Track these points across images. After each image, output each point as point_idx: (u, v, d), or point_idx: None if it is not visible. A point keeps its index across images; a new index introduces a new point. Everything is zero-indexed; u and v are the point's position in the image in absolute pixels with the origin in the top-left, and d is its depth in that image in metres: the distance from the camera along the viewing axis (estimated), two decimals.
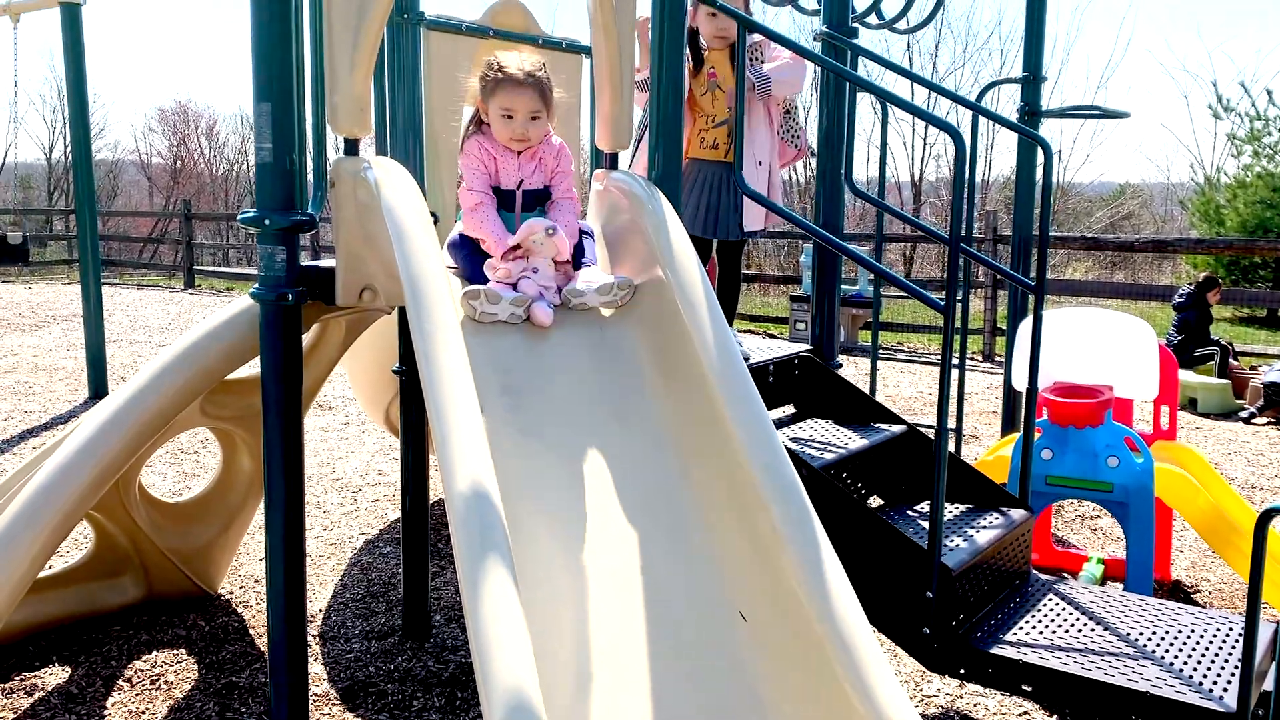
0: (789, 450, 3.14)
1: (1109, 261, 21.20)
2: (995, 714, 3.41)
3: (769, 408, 3.82)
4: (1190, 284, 9.69)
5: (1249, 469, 6.55)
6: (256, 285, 2.71)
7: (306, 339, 3.85)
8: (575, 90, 4.42)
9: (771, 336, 12.38)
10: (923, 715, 3.42)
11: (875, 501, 3.64)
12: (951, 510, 3.45)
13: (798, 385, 3.89)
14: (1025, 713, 3.42)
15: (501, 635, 1.76)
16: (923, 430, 3.73)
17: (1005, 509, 3.47)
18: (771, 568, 2.20)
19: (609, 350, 2.69)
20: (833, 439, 3.53)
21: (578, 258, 2.78)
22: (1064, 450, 4.16)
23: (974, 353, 11.16)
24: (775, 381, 3.77)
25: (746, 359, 3.49)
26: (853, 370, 9.48)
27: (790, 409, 3.93)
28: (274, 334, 2.71)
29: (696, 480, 2.43)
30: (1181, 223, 24.12)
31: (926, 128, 22.87)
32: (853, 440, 3.53)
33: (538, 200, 2.80)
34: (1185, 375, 8.52)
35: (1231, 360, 8.68)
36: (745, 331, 12.93)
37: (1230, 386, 8.31)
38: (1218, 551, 4.12)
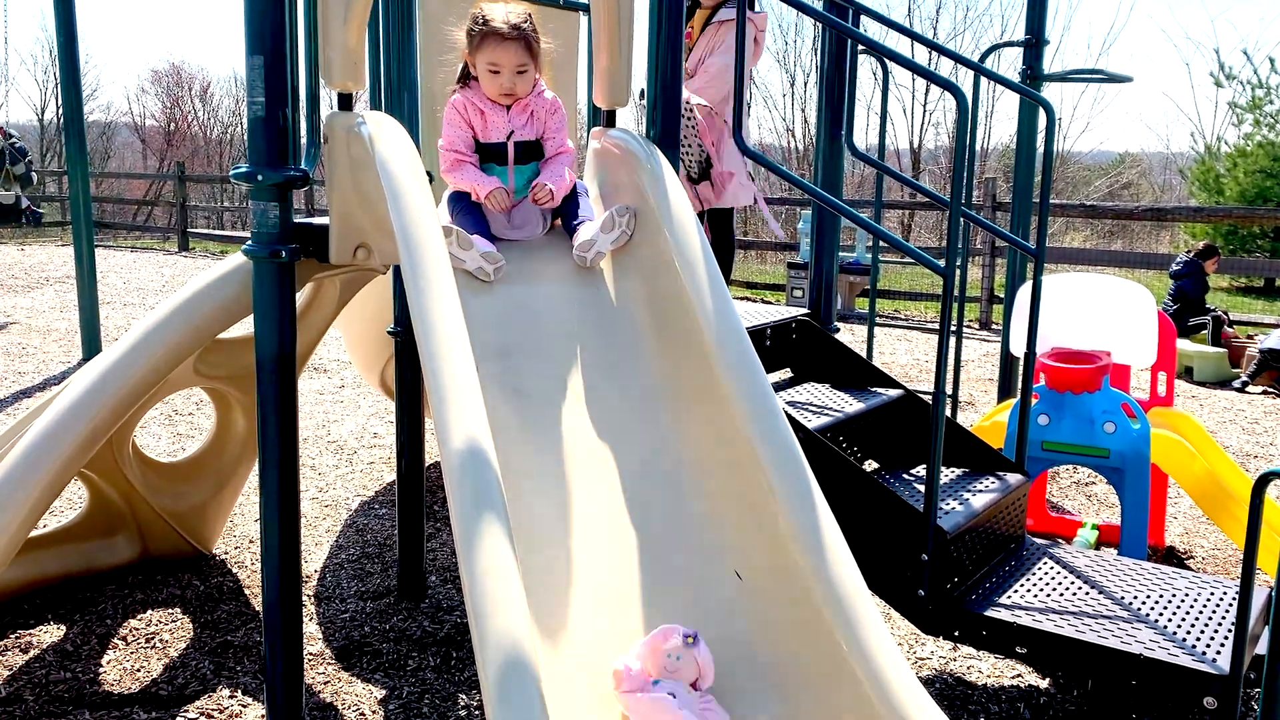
0: (788, 414, 3.13)
1: (1107, 230, 21.15)
2: (988, 676, 3.43)
3: (766, 371, 3.82)
4: (1188, 252, 9.66)
5: (1244, 437, 6.56)
6: (249, 242, 2.68)
7: (301, 299, 3.82)
8: (573, 47, 4.37)
9: (768, 304, 12.36)
10: (917, 677, 3.43)
11: (872, 465, 3.63)
12: (948, 474, 3.45)
13: (795, 349, 3.87)
14: (1018, 675, 3.43)
15: (497, 593, 1.75)
16: (920, 395, 3.72)
17: (1001, 473, 3.47)
18: (768, 529, 2.19)
19: (607, 310, 2.67)
20: (829, 402, 3.52)
21: (573, 212, 2.76)
22: (1061, 416, 4.16)
23: (971, 320, 11.15)
24: (772, 345, 3.75)
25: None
26: (850, 337, 9.45)
27: (787, 373, 3.91)
28: (267, 291, 2.68)
29: (693, 441, 2.41)
30: (1180, 192, 24.05)
31: (926, 93, 22.72)
32: (849, 404, 3.51)
33: (530, 153, 2.78)
34: (1181, 344, 8.51)
35: (1226, 329, 8.68)
36: (741, 298, 12.90)
37: (1226, 355, 8.32)
38: (1212, 518, 4.12)
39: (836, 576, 2.03)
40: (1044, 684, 3.37)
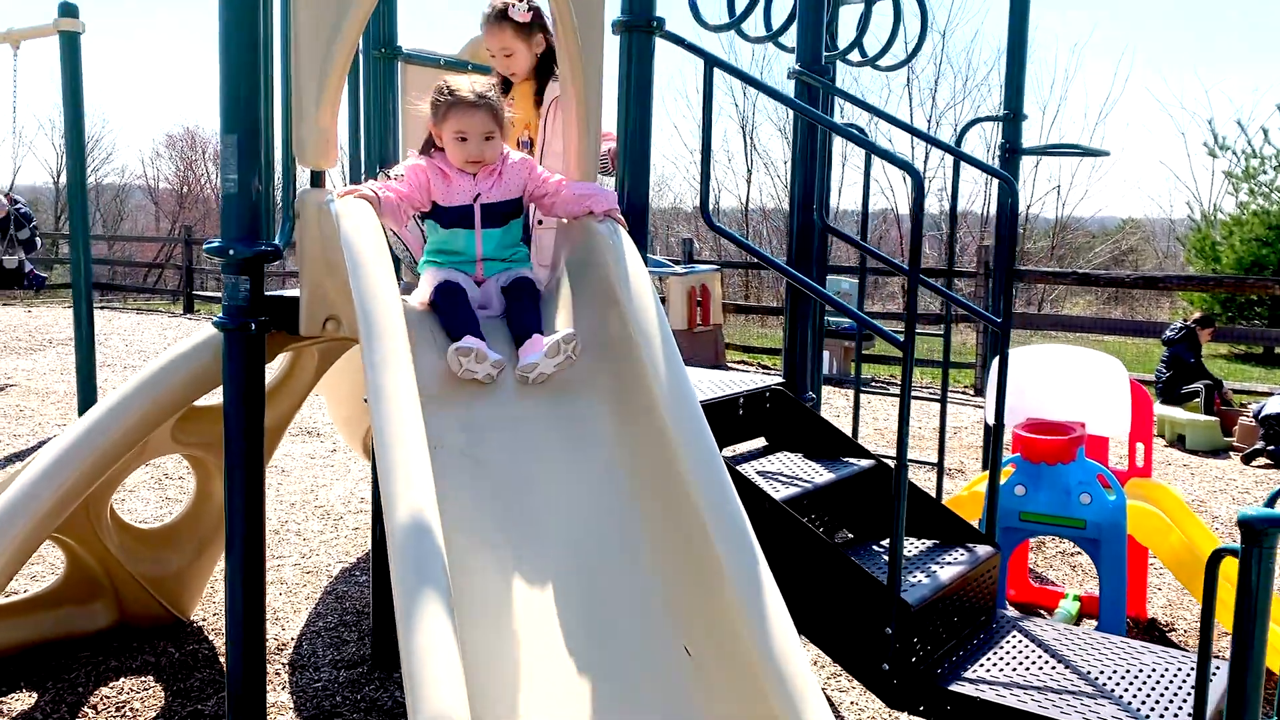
0: (753, 484, 3.16)
1: (1107, 297, 21.23)
2: None
3: (737, 441, 3.85)
4: (1183, 320, 9.70)
5: (1234, 506, 6.53)
6: (220, 314, 2.74)
7: (279, 367, 3.88)
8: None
9: (765, 369, 12.40)
10: None
11: (845, 536, 3.64)
12: (916, 546, 3.45)
13: (769, 418, 3.90)
14: None
15: (433, 672, 1.77)
16: (891, 465, 3.74)
17: (971, 545, 3.48)
18: (716, 603, 2.21)
19: (569, 385, 2.70)
20: (800, 472, 3.54)
21: (524, 314, 2.71)
22: (1037, 486, 4.17)
23: (966, 385, 11.16)
24: (745, 414, 3.78)
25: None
26: (844, 403, 9.50)
27: (761, 442, 3.94)
28: (236, 363, 2.74)
29: (647, 516, 2.44)
30: (1182, 259, 24.19)
31: (926, 159, 23.01)
32: (820, 474, 3.54)
33: (504, 214, 2.80)
34: (1174, 412, 8.52)
35: (1218, 397, 8.68)
36: (739, 363, 12.96)
37: (1218, 424, 8.31)
38: (1189, 589, 4.11)
39: (778, 652, 2.04)
40: None
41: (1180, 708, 2.83)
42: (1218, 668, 2.94)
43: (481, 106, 2.69)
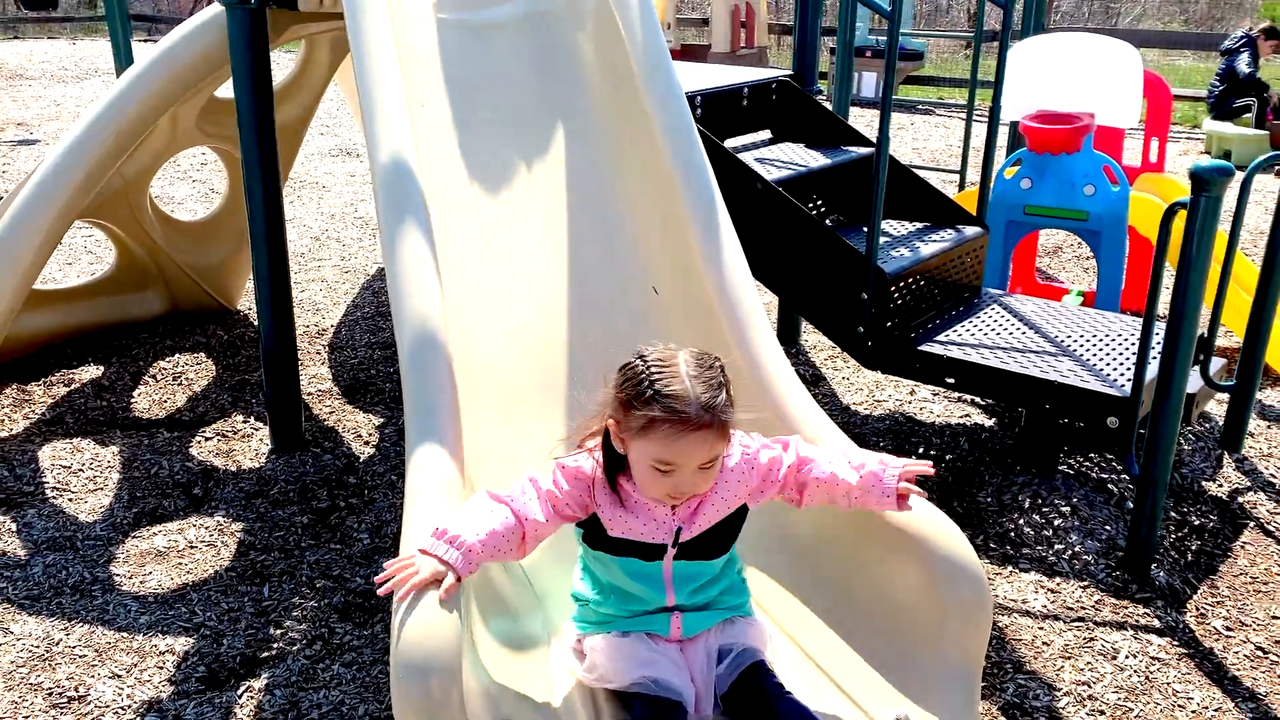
0: (746, 166, 3.27)
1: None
2: (938, 417, 3.67)
3: (742, 132, 3.94)
4: (1246, 29, 9.23)
5: (1264, 216, 6.50)
6: None
7: (294, 62, 3.99)
8: None
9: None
10: (872, 417, 3.70)
11: (839, 220, 3.78)
12: (906, 226, 3.58)
13: (775, 110, 3.95)
14: (966, 415, 3.67)
15: (415, 279, 2.00)
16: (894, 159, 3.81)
17: (961, 227, 3.59)
18: (681, 250, 2.39)
19: (554, 52, 2.79)
20: (797, 159, 3.64)
21: None
22: (1042, 179, 4.22)
23: None
24: (750, 105, 3.84)
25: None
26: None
27: (766, 134, 4.02)
28: (240, 40, 2.86)
29: (624, 171, 2.59)
30: None
31: None
32: (816, 160, 3.63)
33: (710, 546, 1.76)
34: (1222, 127, 8.30)
35: (1270, 110, 8.40)
36: None
37: (1268, 138, 8.09)
38: None
39: (730, 284, 2.24)
40: (988, 423, 3.61)
41: (1129, 362, 3.02)
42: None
43: (707, 424, 1.61)
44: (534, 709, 1.73)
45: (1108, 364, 3.02)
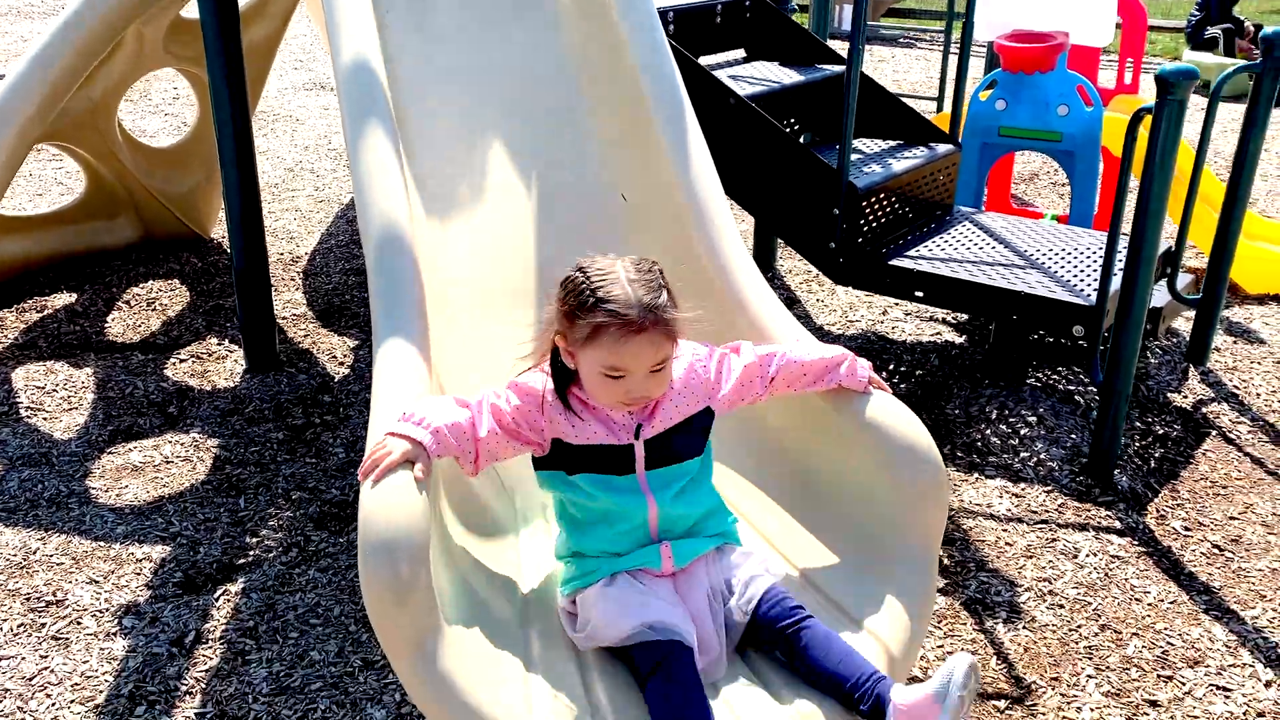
0: (719, 82, 3.26)
1: None
2: (909, 335, 3.71)
3: (716, 50, 3.91)
4: None
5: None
6: None
7: None
8: None
9: None
10: (845, 336, 3.73)
11: (813, 139, 3.77)
12: (878, 144, 3.59)
13: (749, 29, 3.93)
14: (937, 334, 3.71)
15: (379, 177, 1.99)
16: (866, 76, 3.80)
17: (933, 145, 3.60)
18: (651, 159, 2.39)
19: None
20: (770, 75, 3.62)
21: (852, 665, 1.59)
22: (1017, 100, 4.21)
23: None
24: (723, 23, 3.81)
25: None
26: (868, 57, 9.29)
27: (741, 53, 3.99)
28: None
29: (592, 80, 2.58)
30: None
31: None
32: (790, 77, 3.62)
33: (680, 447, 1.72)
34: (1201, 56, 8.28)
35: (1239, 39, 8.38)
36: None
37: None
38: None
39: (700, 191, 2.25)
40: (959, 340, 3.65)
41: (1095, 274, 3.05)
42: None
43: (651, 325, 1.59)
44: (507, 599, 1.76)
45: (1075, 276, 3.05)
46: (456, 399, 1.69)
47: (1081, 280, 3.01)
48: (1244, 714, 2.04)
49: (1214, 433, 3.08)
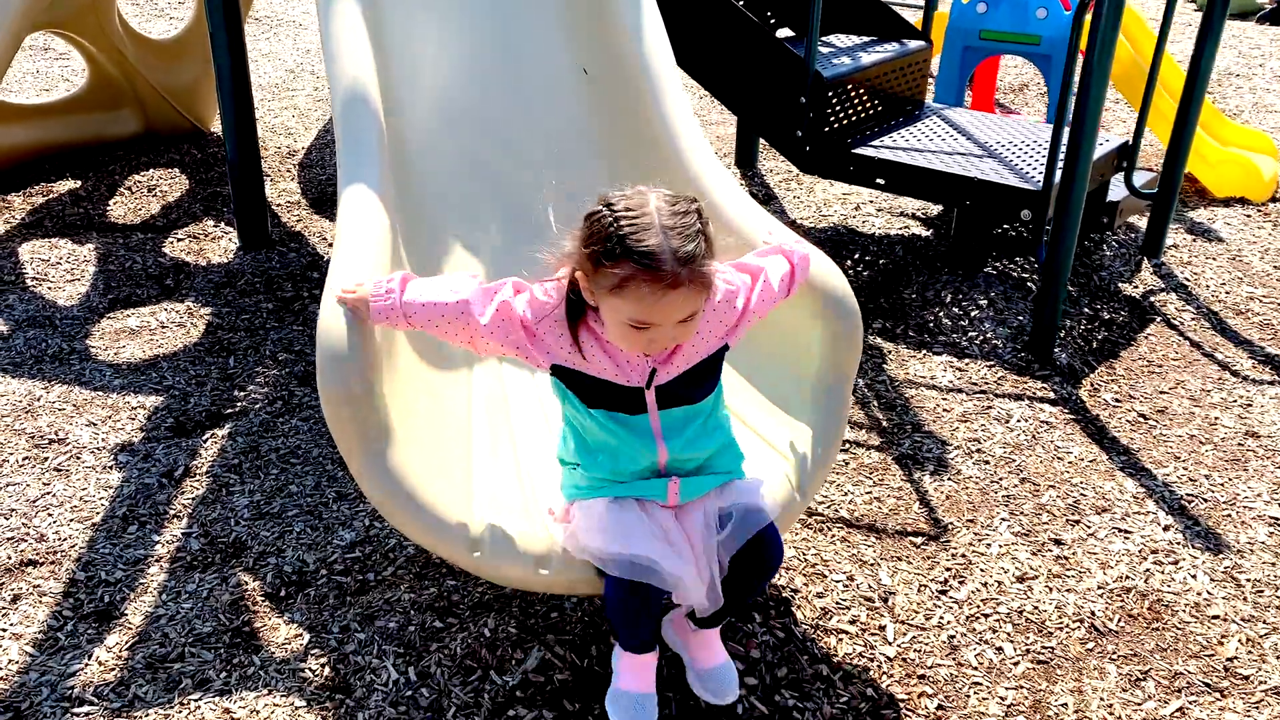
0: None
1: None
2: (878, 229, 3.84)
3: None
4: None
5: (1236, 60, 6.54)
6: None
7: None
8: None
9: None
10: (816, 229, 3.86)
11: (789, 34, 3.87)
12: (850, 39, 3.68)
13: None
14: (905, 227, 3.84)
15: (345, 44, 2.14)
16: None
17: (905, 41, 3.69)
18: (609, 31, 2.52)
19: None
20: None
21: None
22: (998, 3, 4.29)
23: None
24: None
25: None
26: None
27: None
28: None
29: None
30: None
31: None
32: None
33: (692, 387, 1.63)
34: None
35: None
36: None
37: None
38: (1125, 97, 4.34)
39: (653, 62, 2.38)
40: (925, 234, 3.78)
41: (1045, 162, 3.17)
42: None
43: (684, 280, 1.44)
44: (458, 409, 1.93)
45: (1028, 164, 3.17)
46: (482, 286, 1.60)
47: (1031, 168, 3.14)
48: (1139, 551, 2.22)
49: (1158, 319, 3.22)
